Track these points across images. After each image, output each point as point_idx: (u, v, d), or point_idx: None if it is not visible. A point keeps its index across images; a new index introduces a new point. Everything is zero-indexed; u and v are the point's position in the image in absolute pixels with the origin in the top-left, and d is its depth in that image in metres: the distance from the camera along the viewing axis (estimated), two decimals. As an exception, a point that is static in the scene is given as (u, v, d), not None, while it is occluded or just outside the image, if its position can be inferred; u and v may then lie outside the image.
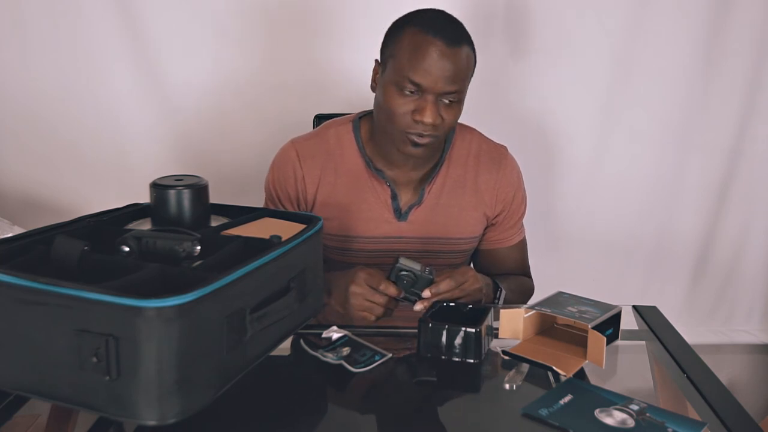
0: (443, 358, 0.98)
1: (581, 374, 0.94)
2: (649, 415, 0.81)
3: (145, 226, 0.96)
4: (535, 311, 1.02)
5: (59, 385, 0.72)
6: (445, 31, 1.10)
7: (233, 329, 0.77)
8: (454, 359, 0.97)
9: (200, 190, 0.97)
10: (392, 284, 1.06)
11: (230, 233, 0.94)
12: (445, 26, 1.11)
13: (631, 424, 0.79)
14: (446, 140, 1.27)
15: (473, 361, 0.96)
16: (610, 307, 1.04)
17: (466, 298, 1.08)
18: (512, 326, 1.02)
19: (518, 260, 1.38)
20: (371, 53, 1.20)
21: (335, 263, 1.28)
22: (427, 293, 1.05)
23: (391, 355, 0.98)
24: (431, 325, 0.98)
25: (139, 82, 1.69)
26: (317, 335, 1.04)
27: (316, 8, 1.67)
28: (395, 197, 1.26)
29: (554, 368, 0.94)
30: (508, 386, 0.92)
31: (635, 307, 1.19)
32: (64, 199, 1.75)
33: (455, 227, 1.28)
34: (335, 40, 1.69)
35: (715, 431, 0.81)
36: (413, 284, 1.06)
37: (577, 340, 1.01)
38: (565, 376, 0.92)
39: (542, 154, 1.78)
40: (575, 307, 1.03)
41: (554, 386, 0.91)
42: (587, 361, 0.96)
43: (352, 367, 0.95)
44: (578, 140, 1.78)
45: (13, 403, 0.83)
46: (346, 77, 1.69)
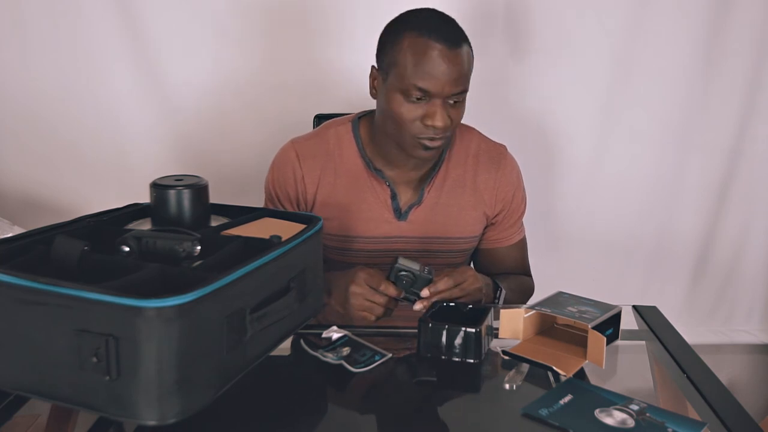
0: (443, 358, 0.98)
1: (581, 374, 0.94)
2: (649, 415, 0.81)
3: (145, 226, 0.96)
4: (535, 311, 1.02)
5: (59, 385, 0.72)
6: (444, 33, 1.10)
7: (233, 329, 0.77)
8: (454, 359, 0.97)
9: (200, 190, 0.97)
10: (392, 284, 1.06)
11: (230, 233, 0.94)
12: (443, 28, 1.11)
13: (631, 424, 0.79)
14: (446, 140, 1.28)
15: (473, 361, 0.96)
16: (610, 307, 1.04)
17: (465, 297, 1.08)
18: (512, 326, 1.02)
19: (518, 259, 1.38)
20: (371, 53, 1.20)
21: (335, 263, 1.28)
22: (425, 292, 1.05)
23: (391, 355, 0.98)
24: (431, 325, 0.98)
25: (139, 82, 1.69)
26: (317, 335, 1.04)
27: (316, 8, 1.67)
28: (395, 197, 1.26)
29: (554, 368, 0.94)
30: (508, 386, 0.92)
31: (635, 307, 1.19)
32: (64, 199, 1.75)
33: (455, 227, 1.28)
34: (335, 40, 1.69)
35: (715, 431, 0.81)
36: (412, 284, 1.06)
37: (577, 340, 1.01)
38: (565, 376, 0.92)
39: (542, 154, 1.78)
40: (575, 307, 1.03)
41: (554, 386, 0.91)
42: (587, 361, 0.96)
43: (352, 367, 0.95)
44: (578, 140, 1.78)
45: (13, 403, 0.83)
46: (346, 77, 1.69)
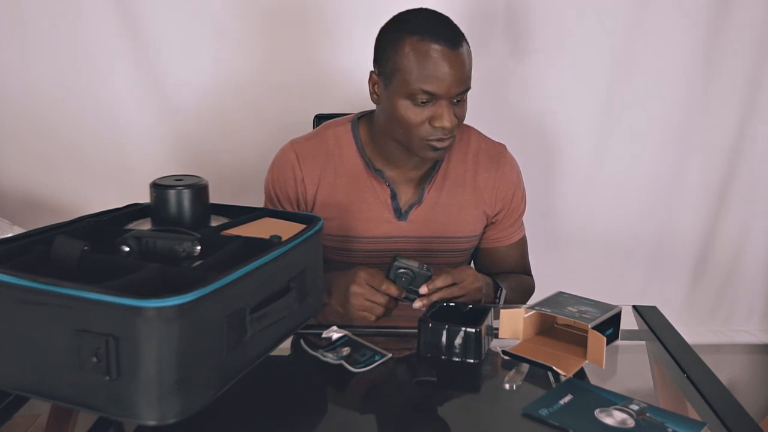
0: (443, 358, 0.97)
1: (581, 374, 0.94)
2: (649, 415, 0.81)
3: (145, 226, 0.96)
4: (535, 311, 1.02)
5: (59, 385, 0.72)
6: (444, 33, 1.10)
7: (233, 329, 0.77)
8: (454, 359, 0.97)
9: (200, 190, 0.97)
10: (393, 284, 1.06)
11: (230, 233, 0.94)
12: (442, 28, 1.11)
13: (631, 424, 0.79)
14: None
15: (473, 361, 0.96)
16: (610, 307, 1.04)
17: (465, 297, 1.08)
18: (512, 326, 1.02)
19: (518, 258, 1.38)
20: (371, 53, 1.20)
21: (335, 263, 1.28)
22: (424, 289, 1.05)
23: (391, 355, 0.98)
24: (431, 325, 0.98)
25: (139, 82, 1.69)
26: (317, 335, 1.04)
27: (316, 8, 1.67)
28: (395, 197, 1.26)
29: (554, 368, 0.94)
30: (508, 386, 0.92)
31: (635, 307, 1.19)
32: (64, 199, 1.75)
33: (455, 226, 1.28)
34: (335, 40, 1.69)
35: (715, 431, 0.81)
36: (411, 282, 1.06)
37: (577, 340, 1.01)
38: (565, 376, 0.92)
39: (542, 154, 1.78)
40: (575, 307, 1.03)
41: (554, 386, 0.91)
42: (587, 361, 0.96)
43: (352, 367, 0.95)
44: (578, 140, 1.78)
45: (13, 403, 0.83)
46: (346, 77, 1.69)
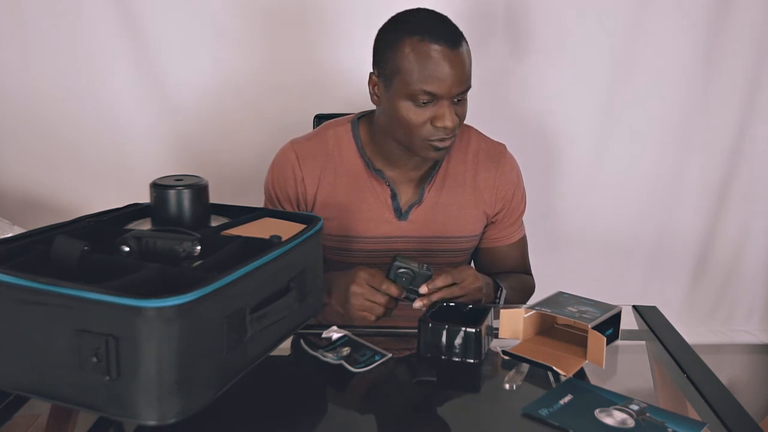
0: (443, 358, 0.97)
1: (581, 374, 0.94)
2: (649, 415, 0.81)
3: (145, 226, 0.96)
4: (535, 311, 1.02)
5: (59, 385, 0.72)
6: (443, 33, 1.10)
7: (233, 329, 0.77)
8: (454, 359, 0.97)
9: (200, 190, 0.97)
10: (393, 284, 1.06)
11: (230, 233, 0.94)
12: (441, 28, 1.11)
13: (631, 424, 0.79)
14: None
15: (473, 361, 0.96)
16: (610, 307, 1.03)
17: (465, 297, 1.08)
18: (512, 326, 1.02)
19: (519, 258, 1.38)
20: (371, 53, 1.20)
21: (335, 263, 1.28)
22: (424, 289, 1.05)
23: (391, 355, 0.98)
24: (431, 325, 0.98)
25: (139, 82, 1.69)
26: (317, 335, 1.04)
27: (316, 8, 1.67)
28: (395, 197, 1.26)
29: (554, 368, 0.93)
30: (508, 386, 0.92)
31: (635, 307, 1.19)
32: (64, 199, 1.75)
33: (455, 226, 1.28)
34: (335, 40, 1.69)
35: (715, 431, 0.81)
36: (411, 281, 1.06)
37: (577, 340, 1.01)
38: (565, 376, 0.92)
39: (542, 154, 1.78)
40: (575, 307, 1.03)
41: (554, 386, 0.91)
42: (587, 361, 0.96)
43: (352, 367, 0.95)
44: (578, 140, 1.78)
45: (13, 403, 0.83)
46: (346, 77, 1.69)
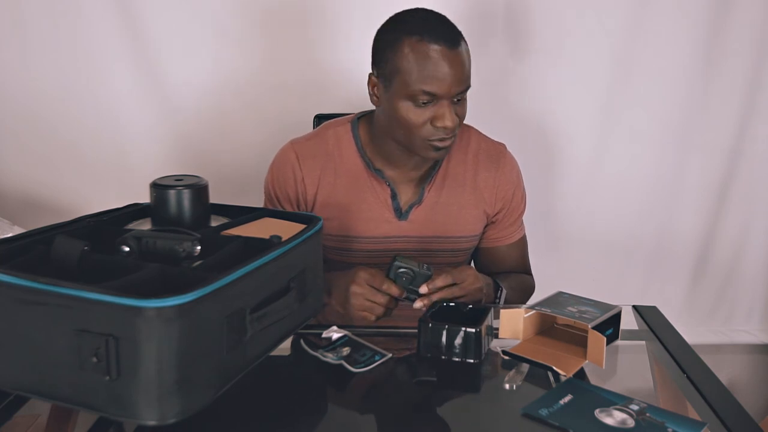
0: (443, 358, 0.97)
1: (581, 374, 0.94)
2: (649, 415, 0.81)
3: (145, 226, 0.96)
4: (535, 311, 1.02)
5: (59, 385, 0.72)
6: (442, 33, 1.10)
7: (233, 329, 0.77)
8: (454, 359, 0.97)
9: (200, 190, 0.97)
10: (393, 284, 1.06)
11: (230, 233, 0.94)
12: (440, 28, 1.11)
13: (631, 424, 0.79)
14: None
15: (473, 361, 0.96)
16: (610, 307, 1.03)
17: (466, 297, 1.08)
18: (512, 326, 1.02)
19: (519, 258, 1.38)
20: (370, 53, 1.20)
21: (335, 263, 1.28)
22: (424, 289, 1.05)
23: (391, 355, 0.98)
24: (431, 325, 0.98)
25: (139, 82, 1.69)
26: (317, 335, 1.04)
27: (316, 8, 1.67)
28: (395, 197, 1.26)
29: (554, 368, 0.93)
30: (508, 386, 0.92)
31: (635, 307, 1.19)
32: (64, 199, 1.75)
33: (455, 225, 1.28)
34: (335, 40, 1.69)
35: (715, 431, 0.81)
36: (411, 281, 1.06)
37: (577, 340, 1.01)
38: (565, 376, 0.92)
39: (542, 154, 1.78)
40: (575, 307, 1.03)
41: (554, 386, 0.91)
42: (587, 361, 0.96)
43: (352, 367, 0.95)
44: (578, 140, 1.78)
45: (13, 403, 0.83)
46: (346, 77, 1.69)
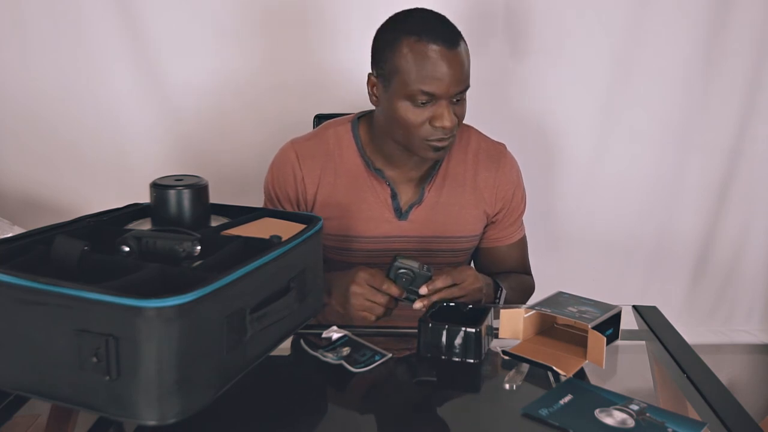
0: (443, 358, 0.97)
1: (581, 374, 0.94)
2: (649, 415, 0.81)
3: (145, 226, 0.96)
4: (535, 311, 1.02)
5: (59, 385, 0.72)
6: (441, 33, 1.10)
7: (233, 329, 0.77)
8: (454, 359, 0.97)
9: (200, 190, 0.97)
10: (393, 284, 1.06)
11: (230, 233, 0.94)
12: (439, 28, 1.11)
13: (631, 424, 0.79)
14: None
15: (473, 361, 0.96)
16: (610, 307, 1.03)
17: (466, 297, 1.08)
18: (512, 326, 1.02)
19: (518, 258, 1.38)
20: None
21: (335, 263, 1.28)
22: (424, 290, 1.05)
23: (391, 355, 0.98)
24: (431, 325, 0.98)
25: (139, 82, 1.69)
26: (317, 335, 1.04)
27: (316, 8, 1.67)
28: (395, 196, 1.26)
29: (554, 368, 0.94)
30: (508, 386, 0.92)
31: (635, 307, 1.19)
32: (64, 199, 1.75)
33: (455, 225, 1.28)
34: (335, 40, 1.69)
35: (715, 431, 0.81)
36: (412, 282, 1.06)
37: (577, 340, 1.01)
38: (565, 376, 0.92)
39: (542, 154, 1.78)
40: (575, 307, 1.03)
41: (554, 386, 0.91)
42: (587, 361, 0.96)
43: (352, 367, 0.95)
44: (578, 140, 1.78)
45: (13, 403, 0.83)
46: (346, 77, 1.69)
